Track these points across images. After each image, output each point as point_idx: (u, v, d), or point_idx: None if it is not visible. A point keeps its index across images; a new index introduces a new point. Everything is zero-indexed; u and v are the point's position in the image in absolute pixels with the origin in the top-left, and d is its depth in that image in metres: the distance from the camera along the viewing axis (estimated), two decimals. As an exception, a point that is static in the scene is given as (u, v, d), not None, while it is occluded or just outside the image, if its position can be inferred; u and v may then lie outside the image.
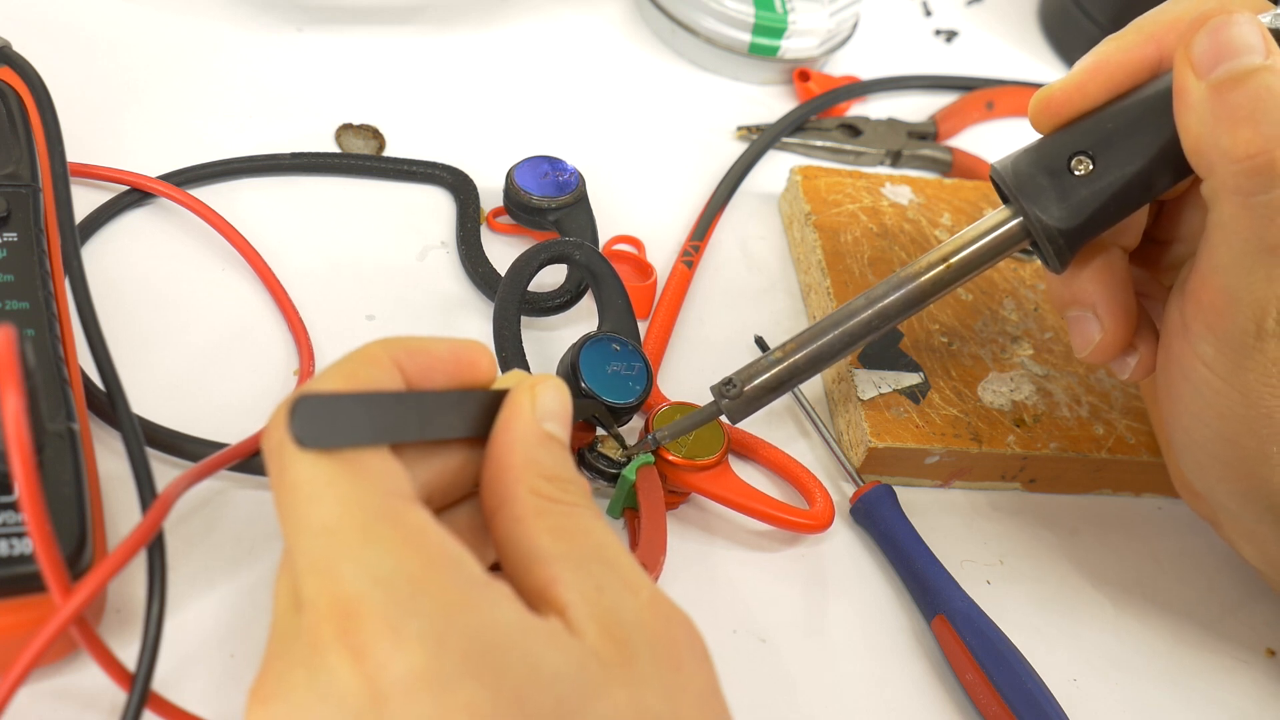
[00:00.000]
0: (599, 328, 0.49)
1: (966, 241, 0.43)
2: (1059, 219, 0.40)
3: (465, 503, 0.35)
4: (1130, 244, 0.44)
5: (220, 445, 0.43)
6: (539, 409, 0.34)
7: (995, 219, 0.42)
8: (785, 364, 0.44)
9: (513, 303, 0.48)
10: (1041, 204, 0.41)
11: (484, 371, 0.35)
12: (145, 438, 0.41)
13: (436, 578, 0.28)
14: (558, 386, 0.34)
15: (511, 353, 0.47)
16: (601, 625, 0.30)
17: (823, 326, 0.44)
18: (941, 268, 0.43)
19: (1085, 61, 0.41)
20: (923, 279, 0.43)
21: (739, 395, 0.43)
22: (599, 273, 0.50)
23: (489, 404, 0.34)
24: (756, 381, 0.44)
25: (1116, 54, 0.40)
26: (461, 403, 0.33)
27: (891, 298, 0.43)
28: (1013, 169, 0.41)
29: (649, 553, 0.43)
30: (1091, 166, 0.40)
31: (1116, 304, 0.43)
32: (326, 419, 0.29)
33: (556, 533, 0.31)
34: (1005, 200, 0.43)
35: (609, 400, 0.45)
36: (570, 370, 0.46)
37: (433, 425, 0.32)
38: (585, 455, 0.45)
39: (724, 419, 0.45)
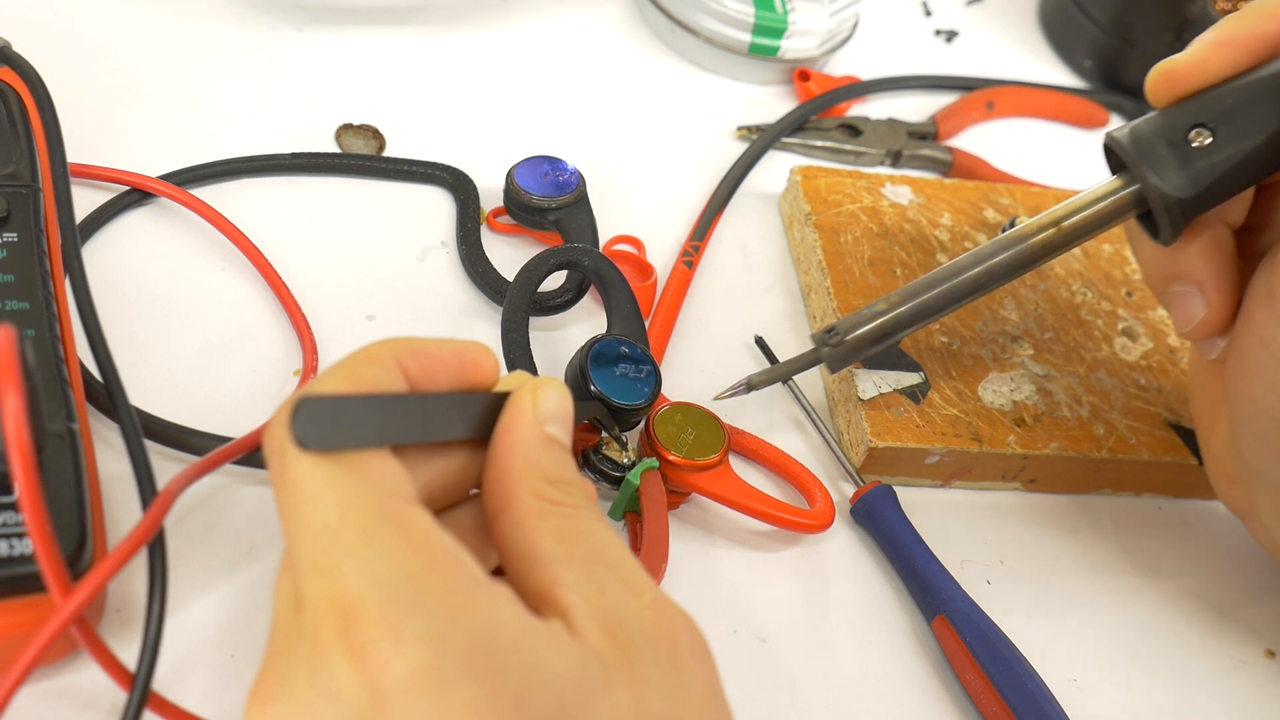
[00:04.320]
0: (608, 331, 0.49)
1: (1079, 206, 0.43)
2: (1177, 188, 0.41)
3: (467, 504, 0.35)
4: (1236, 221, 0.44)
5: (221, 439, 0.43)
6: (540, 411, 0.33)
7: (1109, 186, 0.43)
8: (890, 315, 0.43)
9: (521, 307, 0.48)
10: (1160, 171, 0.41)
11: (486, 373, 0.35)
12: (145, 431, 0.41)
13: (437, 578, 0.28)
14: (559, 389, 0.34)
15: (520, 356, 0.47)
16: (603, 626, 0.30)
17: (929, 281, 0.43)
18: (1052, 230, 0.43)
19: (1207, 37, 0.41)
20: (1033, 240, 0.43)
21: (840, 344, 0.43)
22: (608, 278, 0.50)
23: (491, 406, 0.34)
24: (860, 331, 0.43)
25: (1239, 31, 0.41)
26: (464, 404, 0.33)
27: (1000, 257, 0.43)
28: (1131, 137, 0.42)
29: (652, 559, 0.42)
30: (1211, 139, 0.40)
31: (1224, 280, 0.43)
32: (328, 420, 0.29)
33: (558, 535, 0.31)
34: (1114, 172, 0.43)
35: (618, 402, 0.45)
36: (579, 372, 0.46)
37: (434, 427, 0.32)
38: (590, 458, 0.45)
39: (821, 367, 0.43)
